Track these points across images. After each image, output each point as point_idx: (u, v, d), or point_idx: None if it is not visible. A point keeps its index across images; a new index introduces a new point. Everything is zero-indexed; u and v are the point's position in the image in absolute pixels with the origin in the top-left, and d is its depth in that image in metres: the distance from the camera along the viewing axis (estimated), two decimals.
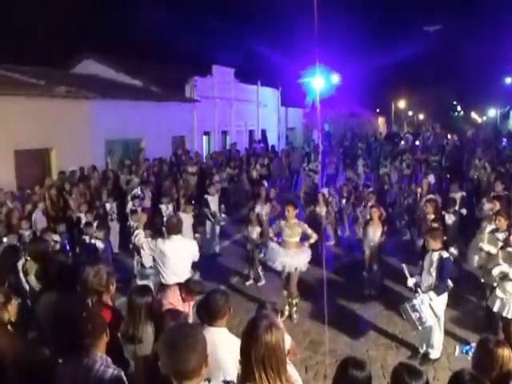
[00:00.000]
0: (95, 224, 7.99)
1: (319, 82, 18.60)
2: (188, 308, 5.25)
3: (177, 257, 5.60)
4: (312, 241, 7.12)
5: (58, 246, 7.34)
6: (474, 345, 5.36)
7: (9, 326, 3.72)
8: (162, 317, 3.81)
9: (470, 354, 5.45)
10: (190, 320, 4.89)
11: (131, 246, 7.50)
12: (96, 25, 26.93)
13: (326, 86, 20.80)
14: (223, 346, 3.30)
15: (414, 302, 5.41)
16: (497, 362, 2.98)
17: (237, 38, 25.13)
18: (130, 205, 10.04)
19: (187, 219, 8.75)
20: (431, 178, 11.76)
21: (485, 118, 53.97)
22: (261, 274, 8.59)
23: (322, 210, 9.12)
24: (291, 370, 3.08)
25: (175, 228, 5.72)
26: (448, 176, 14.19)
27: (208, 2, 32.90)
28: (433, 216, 8.11)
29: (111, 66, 19.49)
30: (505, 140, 22.76)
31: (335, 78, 23.80)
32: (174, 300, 5.26)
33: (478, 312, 6.85)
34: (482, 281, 6.71)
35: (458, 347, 6.03)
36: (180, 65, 22.94)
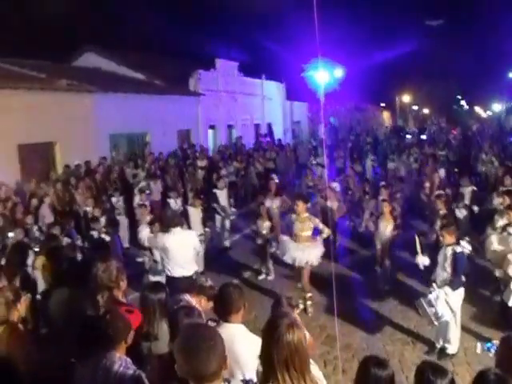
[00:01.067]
0: (102, 219, 7.89)
1: (323, 75, 18.46)
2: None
3: (179, 249, 5.65)
4: (324, 235, 7.06)
5: (65, 241, 7.26)
6: (495, 342, 5.38)
7: (19, 325, 3.62)
8: (175, 313, 3.71)
9: (492, 351, 5.40)
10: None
11: None
12: (97, 18, 26.70)
13: (329, 80, 20.63)
14: (240, 342, 3.22)
15: (430, 296, 5.34)
16: None
17: (240, 31, 24.95)
18: (137, 199, 9.95)
19: (196, 213, 8.69)
20: (441, 173, 11.64)
21: (489, 113, 53.72)
22: (271, 268, 8.51)
23: (333, 204, 9.00)
24: (314, 369, 2.99)
25: (172, 221, 5.79)
26: (456, 170, 14.08)
27: None
28: (442, 211, 8.01)
29: (113, 59, 19.28)
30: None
31: (339, 72, 23.60)
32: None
33: (492, 307, 6.73)
34: (497, 275, 6.61)
35: (479, 344, 5.88)
36: (182, 58, 22.68)
